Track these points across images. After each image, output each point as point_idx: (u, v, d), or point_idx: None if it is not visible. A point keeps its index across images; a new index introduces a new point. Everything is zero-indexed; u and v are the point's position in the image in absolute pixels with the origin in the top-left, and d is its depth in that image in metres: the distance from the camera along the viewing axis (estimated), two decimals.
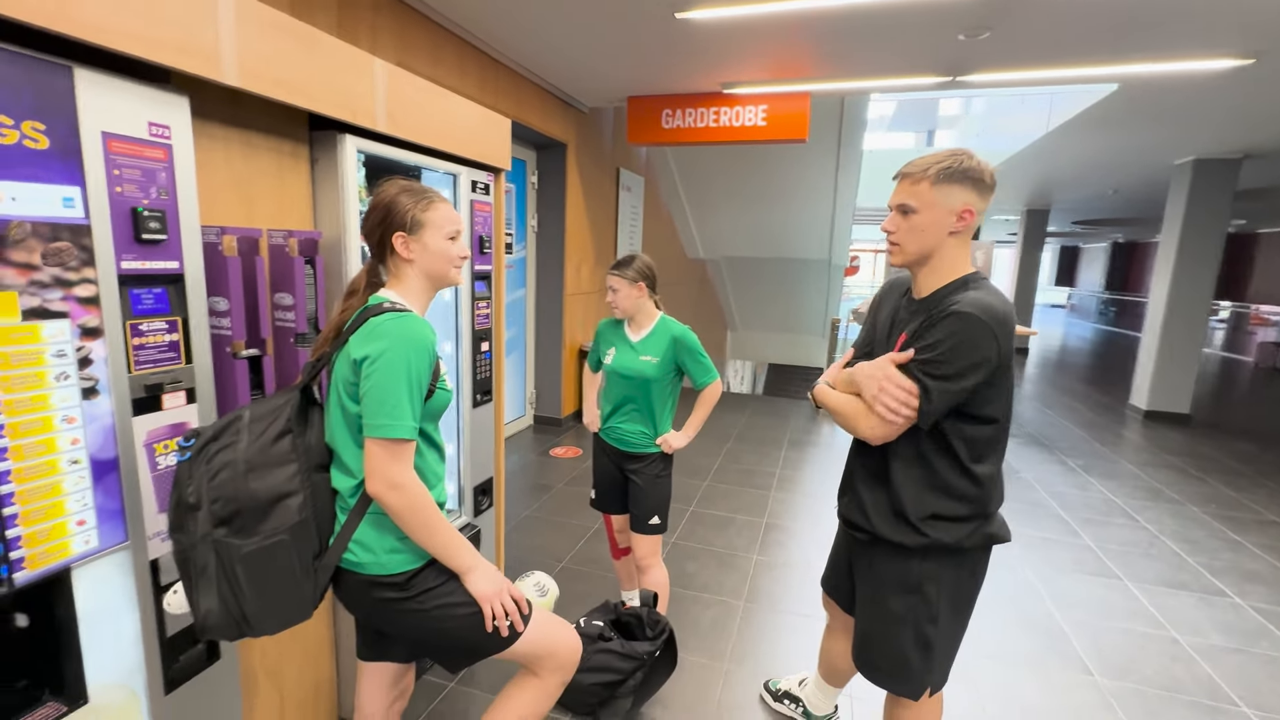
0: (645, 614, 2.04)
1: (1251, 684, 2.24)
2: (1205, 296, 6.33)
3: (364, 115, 1.58)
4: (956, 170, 1.23)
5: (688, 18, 3.01)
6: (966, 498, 1.29)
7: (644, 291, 2.07)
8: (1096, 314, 18.90)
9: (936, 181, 1.23)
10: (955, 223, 1.25)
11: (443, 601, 1.14)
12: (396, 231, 1.16)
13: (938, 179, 1.23)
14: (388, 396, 1.04)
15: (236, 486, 1.03)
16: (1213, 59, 3.31)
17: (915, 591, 1.34)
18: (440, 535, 1.11)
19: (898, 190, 1.29)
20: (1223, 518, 3.81)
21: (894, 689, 1.43)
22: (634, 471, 2.15)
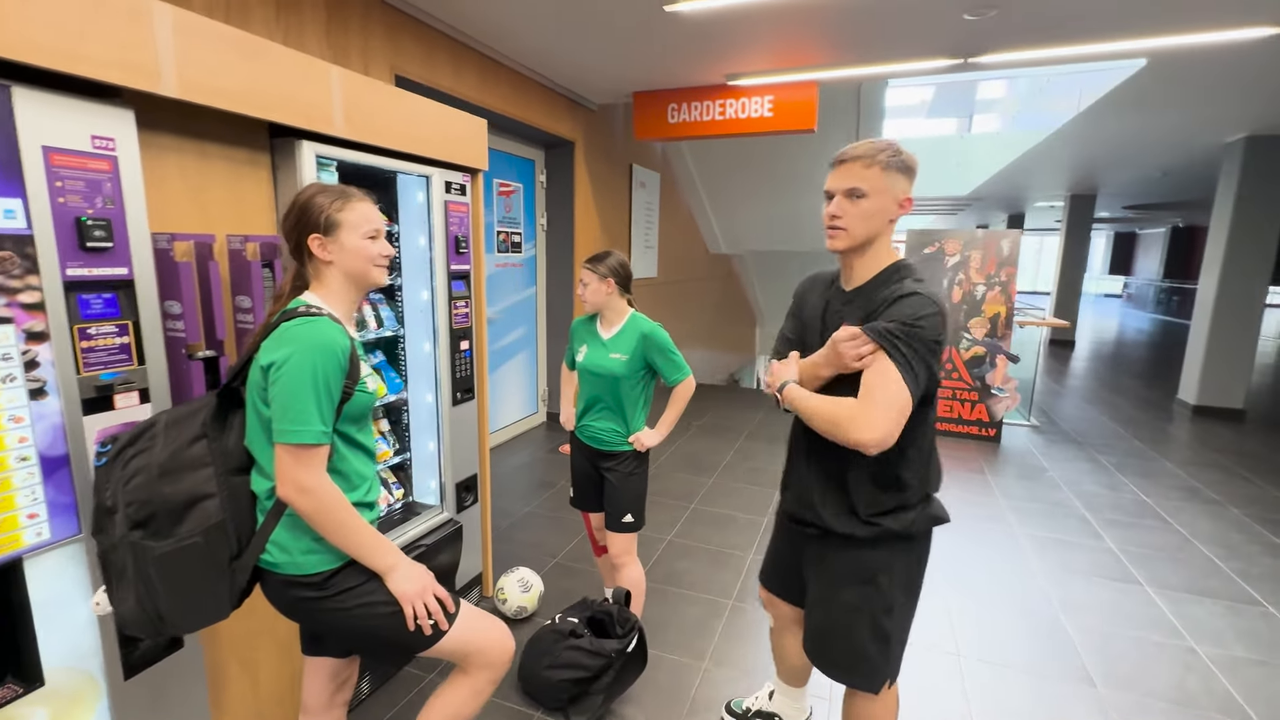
0: (616, 612, 2.04)
1: (1272, 699, 2.09)
2: (1260, 283, 5.91)
3: (320, 121, 1.62)
4: (902, 160, 1.25)
5: (676, 10, 2.97)
6: (912, 484, 1.30)
7: (613, 288, 2.06)
8: (1154, 303, 17.88)
9: (886, 168, 1.24)
10: (896, 210, 1.27)
11: (362, 600, 1.16)
12: (311, 234, 1.18)
13: (888, 165, 1.24)
14: (293, 402, 1.06)
15: (150, 490, 1.07)
16: (1247, 28, 3.07)
17: (869, 582, 1.34)
18: (356, 536, 1.13)
19: (844, 174, 1.27)
20: (1267, 520, 3.55)
21: (853, 683, 1.42)
22: (608, 469, 2.14)
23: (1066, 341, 11.13)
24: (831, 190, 1.29)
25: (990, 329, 4.99)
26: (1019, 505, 3.72)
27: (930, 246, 5.16)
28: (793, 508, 1.46)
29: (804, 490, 1.42)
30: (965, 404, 5.08)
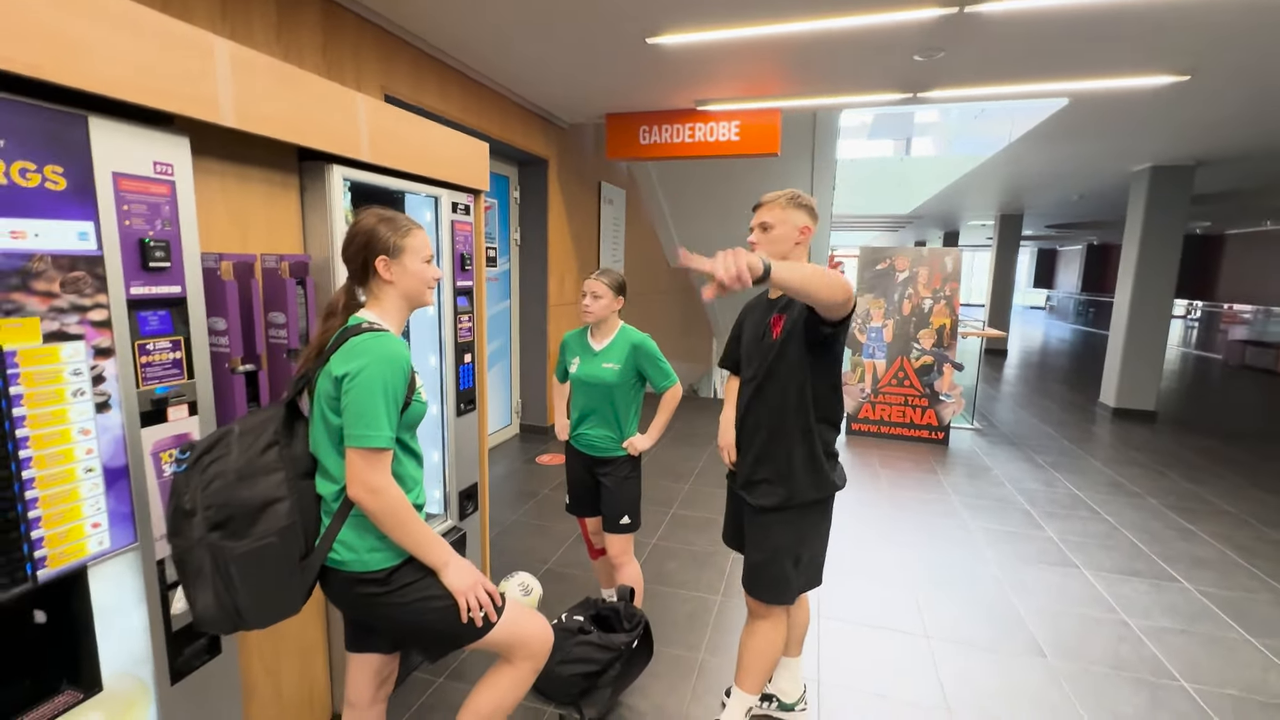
0: (622, 608, 2.16)
1: (1192, 661, 2.40)
2: (1166, 297, 6.59)
3: (349, 147, 1.72)
4: (799, 200, 1.69)
5: (658, 43, 3.17)
6: (831, 453, 1.73)
7: (620, 303, 2.21)
8: (1074, 315, 19.32)
9: (785, 206, 1.68)
10: (798, 235, 1.68)
11: (421, 595, 1.26)
12: (380, 255, 1.28)
13: (787, 204, 1.68)
14: (366, 409, 1.16)
15: (228, 494, 1.14)
16: (1150, 76, 3.53)
17: (795, 525, 1.73)
18: (415, 534, 1.23)
19: (759, 214, 1.72)
20: (1179, 509, 3.99)
21: (776, 601, 1.77)
22: (604, 475, 2.27)
23: (1000, 351, 11.94)
24: (752, 226, 1.74)
25: (937, 339, 5.39)
26: (970, 501, 4.05)
27: (882, 263, 5.53)
28: (749, 493, 1.79)
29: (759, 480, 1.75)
30: (916, 409, 5.45)
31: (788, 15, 2.86)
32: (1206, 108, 4.30)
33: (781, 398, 1.69)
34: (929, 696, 2.17)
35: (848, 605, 2.73)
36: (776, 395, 1.69)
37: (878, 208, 12.62)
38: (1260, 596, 2.90)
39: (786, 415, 1.69)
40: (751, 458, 1.76)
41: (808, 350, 1.63)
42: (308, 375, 1.29)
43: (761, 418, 1.73)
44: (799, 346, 1.64)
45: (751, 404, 1.76)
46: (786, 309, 1.69)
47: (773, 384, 1.70)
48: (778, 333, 1.69)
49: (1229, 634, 2.59)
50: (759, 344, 1.76)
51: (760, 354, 1.74)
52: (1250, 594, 2.93)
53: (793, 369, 1.66)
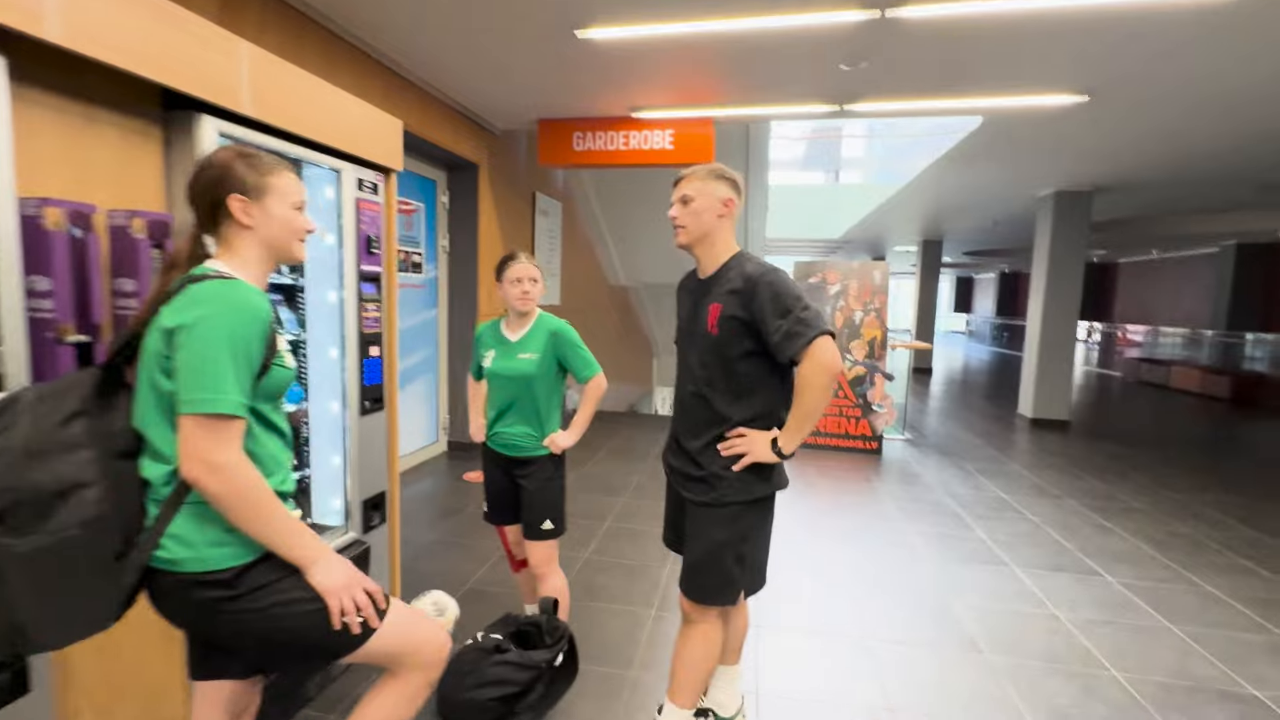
0: (544, 621, 1.96)
1: (1119, 651, 2.41)
2: (1072, 317, 7.03)
3: (226, 95, 1.51)
4: (720, 172, 1.60)
5: (588, 36, 3.11)
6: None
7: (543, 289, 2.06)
8: (991, 338, 20.55)
9: (705, 178, 1.59)
10: (721, 208, 1.59)
11: (280, 599, 1.03)
12: (233, 194, 1.08)
13: (707, 176, 1.59)
14: (206, 367, 0.95)
15: (13, 476, 0.89)
16: (1054, 94, 3.75)
17: (736, 522, 1.59)
18: (275, 523, 1.01)
19: (679, 188, 1.62)
20: (1094, 508, 4.15)
21: (718, 602, 1.62)
22: (524, 476, 2.08)
23: (925, 369, 12.46)
24: (672, 200, 1.62)
25: (869, 351, 5.50)
26: (904, 507, 4.07)
27: (814, 277, 5.63)
28: (686, 488, 1.66)
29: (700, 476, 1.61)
30: (851, 420, 5.51)
31: (717, 11, 2.85)
32: (1103, 134, 4.64)
33: (718, 394, 1.57)
34: (871, 699, 2.07)
35: (786, 612, 2.62)
36: (712, 391, 1.57)
37: (810, 232, 13.05)
38: (1174, 586, 2.99)
39: (724, 413, 1.57)
40: (690, 449, 1.63)
41: (749, 354, 1.53)
42: (138, 336, 1.06)
43: (700, 408, 1.60)
44: (738, 347, 1.52)
45: (689, 393, 1.63)
46: (724, 298, 1.54)
47: (710, 377, 1.58)
48: (713, 324, 1.55)
49: (1150, 623, 2.64)
50: (693, 331, 1.63)
51: (695, 343, 1.62)
52: (1165, 583, 3.02)
53: (730, 364, 1.55)
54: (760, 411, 1.57)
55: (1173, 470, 5.21)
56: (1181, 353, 11.98)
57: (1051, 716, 2.02)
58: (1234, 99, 3.81)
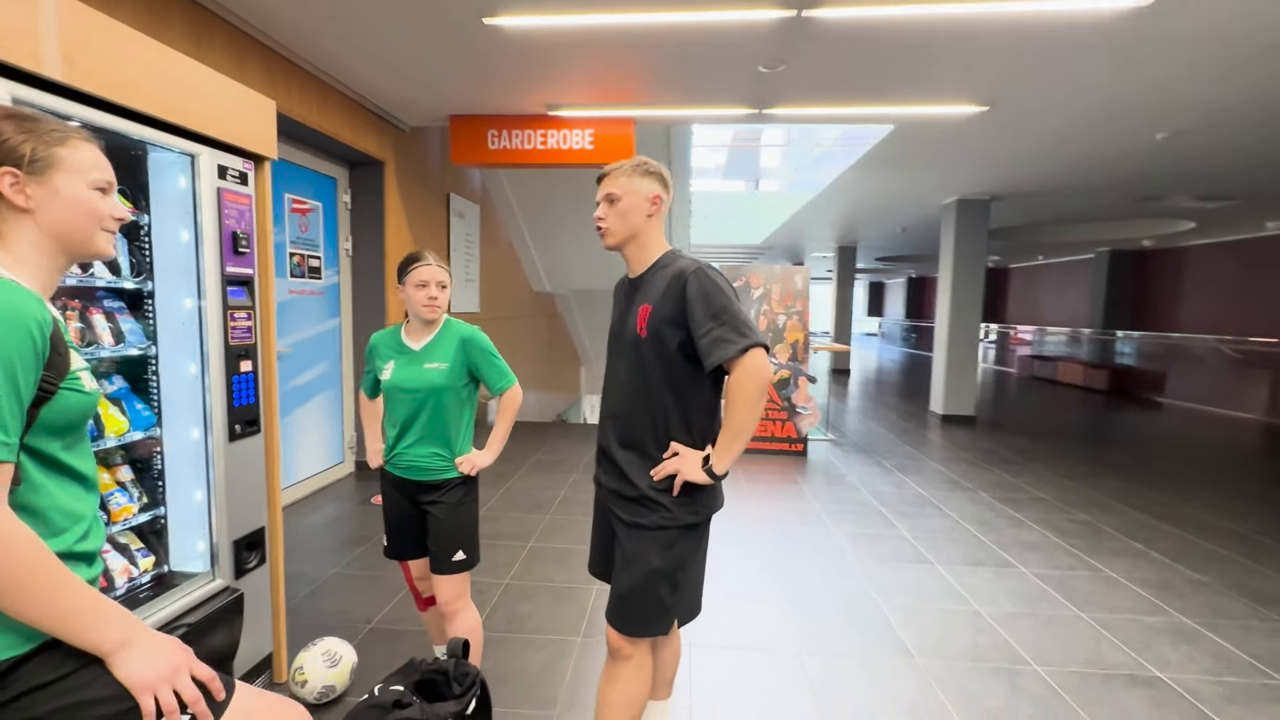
0: (452, 667, 1.73)
1: (1038, 644, 2.46)
2: (975, 319, 7.46)
3: (19, 53, 1.21)
4: (647, 167, 1.48)
5: (496, 24, 2.90)
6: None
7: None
8: (901, 339, 21.74)
9: (631, 174, 1.47)
10: (650, 207, 1.48)
11: (68, 700, 0.78)
12: (4, 167, 0.83)
13: (633, 172, 1.47)
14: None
15: None
16: (958, 105, 3.90)
17: (673, 547, 1.45)
18: (58, 596, 0.76)
19: (603, 185, 1.49)
20: (1006, 500, 4.34)
21: (647, 633, 1.48)
22: (430, 503, 1.85)
23: (844, 371, 12.95)
24: (598, 200, 1.50)
25: (792, 354, 5.56)
26: (830, 508, 4.09)
27: (738, 280, 5.64)
28: (621, 508, 1.49)
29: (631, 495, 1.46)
30: (776, 422, 5.54)
31: (632, 4, 2.73)
32: (1000, 144, 4.91)
33: (650, 404, 1.43)
34: (806, 710, 1.98)
35: (719, 628, 2.51)
36: (646, 401, 1.43)
37: (732, 238, 13.28)
38: (1080, 573, 3.13)
39: (659, 424, 1.43)
40: (621, 469, 1.47)
41: (682, 356, 1.40)
42: None
43: (632, 424, 1.46)
44: (668, 353, 1.41)
45: (619, 405, 1.48)
46: (654, 302, 1.42)
47: (640, 387, 1.43)
48: (641, 325, 1.43)
49: (1063, 612, 2.72)
50: (622, 337, 1.50)
51: (625, 349, 1.48)
52: (1071, 571, 3.15)
53: (662, 374, 1.41)
54: (691, 420, 1.44)
55: (1067, 459, 5.58)
56: (1066, 350, 13.09)
57: (983, 718, 2.00)
58: (1114, 111, 4.11)
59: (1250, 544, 3.57)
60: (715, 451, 1.39)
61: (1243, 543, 3.59)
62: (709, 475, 1.38)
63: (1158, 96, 3.78)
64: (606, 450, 1.52)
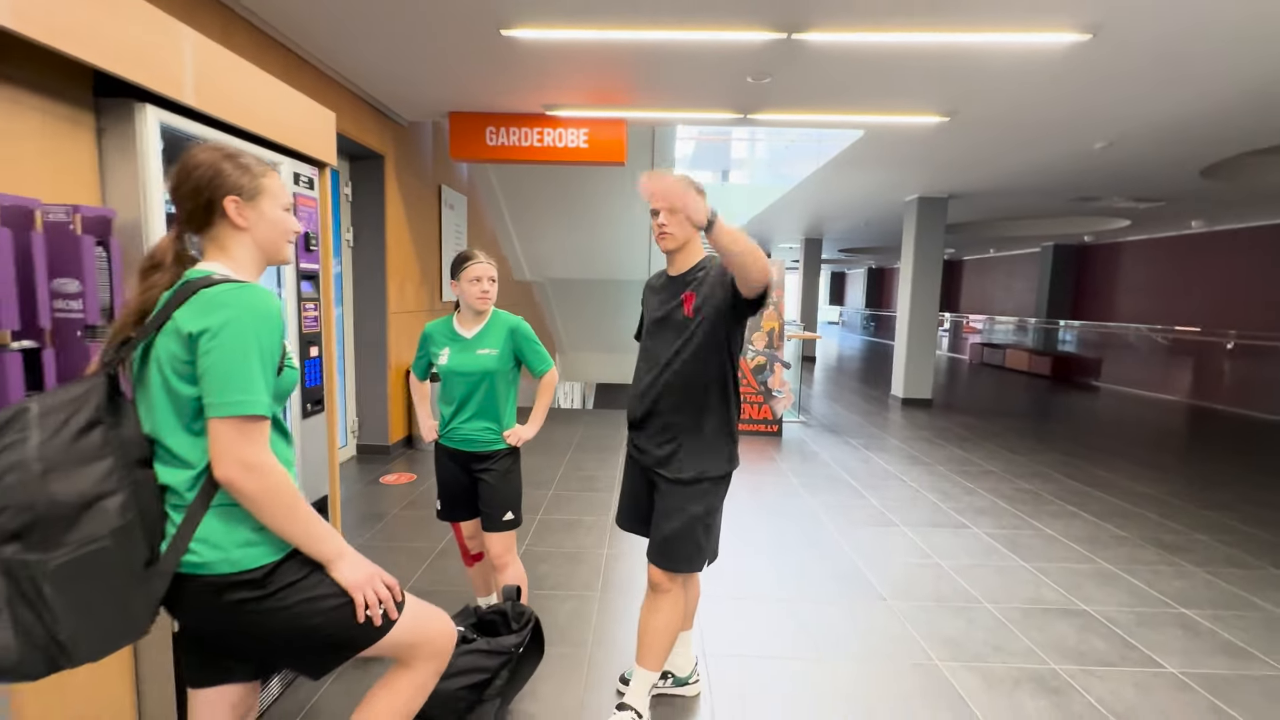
0: (510, 608, 2.02)
1: (990, 588, 2.89)
2: (934, 308, 8.00)
3: (170, 84, 1.43)
4: (699, 186, 1.67)
5: (512, 35, 3.13)
6: (735, 433, 1.81)
7: None
8: (861, 327, 22.59)
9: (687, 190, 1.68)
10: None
11: (307, 595, 1.05)
12: (230, 195, 1.07)
13: (687, 188, 1.67)
14: (236, 370, 0.96)
15: (31, 491, 0.85)
16: (922, 115, 4.30)
17: (706, 497, 1.77)
18: (304, 522, 1.03)
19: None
20: (960, 472, 4.83)
21: (689, 569, 1.80)
22: (483, 471, 2.12)
23: (810, 358, 13.51)
24: (657, 209, 1.72)
25: (768, 341, 5.94)
26: (806, 481, 4.49)
27: None
28: (661, 466, 1.78)
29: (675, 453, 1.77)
30: (754, 405, 5.93)
31: (643, 22, 2.99)
32: (958, 150, 5.36)
33: (697, 372, 1.71)
34: (803, 651, 2.35)
35: (721, 583, 2.86)
36: (692, 370, 1.72)
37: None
38: (1024, 532, 3.60)
39: (702, 389, 1.72)
40: (667, 432, 1.75)
41: (723, 325, 1.69)
42: (130, 342, 1.03)
43: (677, 393, 1.74)
44: (716, 323, 1.69)
45: (667, 381, 1.75)
46: (696, 286, 1.73)
47: (689, 359, 1.71)
48: (689, 309, 1.72)
49: (1009, 563, 3.17)
50: (668, 321, 1.77)
51: (672, 328, 1.75)
52: (1017, 531, 3.62)
53: (708, 344, 1.70)
54: (717, 376, 1.74)
55: (1014, 437, 6.15)
56: (1013, 338, 13.95)
57: (944, 644, 2.40)
58: (1058, 124, 4.58)
59: (1164, 505, 4.13)
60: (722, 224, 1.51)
61: (1158, 504, 4.15)
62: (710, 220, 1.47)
63: (1095, 113, 4.25)
64: (647, 423, 1.81)
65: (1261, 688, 2.18)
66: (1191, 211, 8.45)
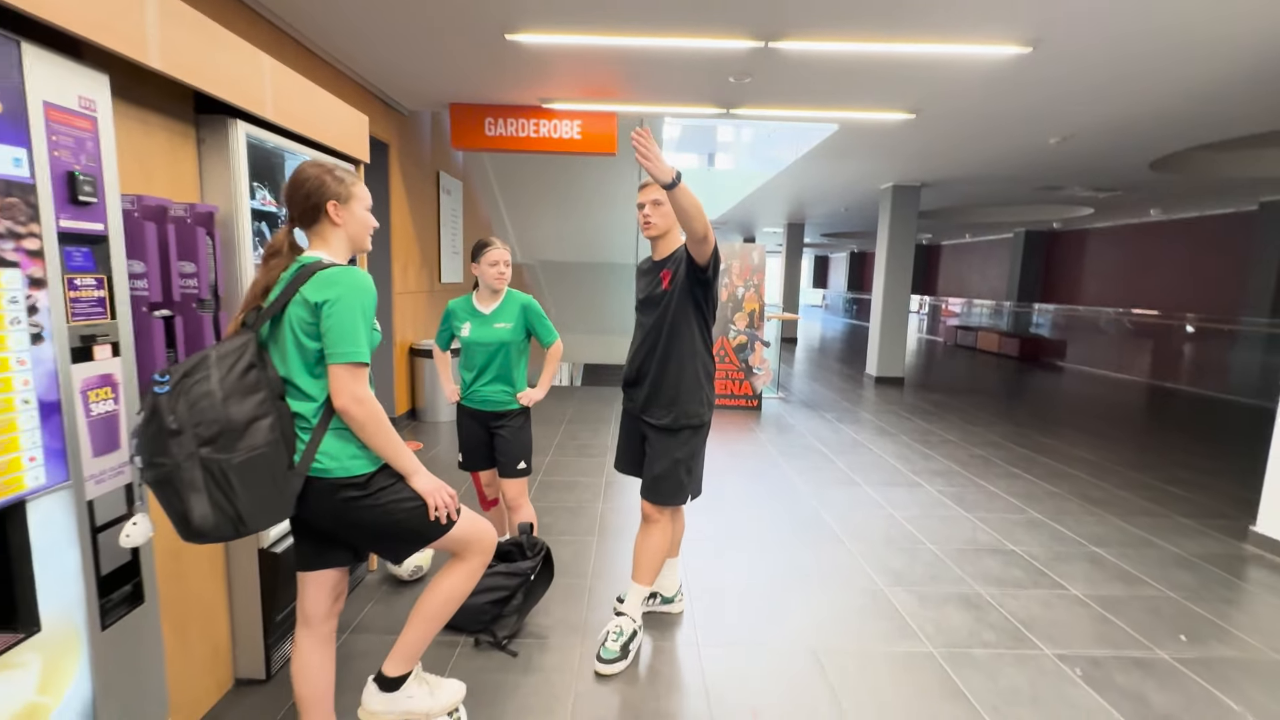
0: (525, 540, 2.41)
1: (933, 532, 3.34)
2: (906, 291, 8.45)
3: (255, 103, 1.75)
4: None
5: (516, 40, 3.43)
6: (710, 374, 2.20)
7: None
8: (843, 311, 23.12)
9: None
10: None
11: (395, 497, 1.42)
12: (331, 199, 1.42)
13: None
14: (348, 329, 1.32)
15: (217, 412, 1.21)
16: (891, 112, 4.67)
17: (688, 443, 2.16)
18: (392, 443, 1.40)
19: (649, 193, 2.09)
20: (921, 441, 5.29)
21: (673, 503, 2.19)
22: (500, 427, 2.50)
23: (791, 339, 13.97)
24: (642, 201, 2.09)
25: (749, 321, 6.34)
26: (782, 450, 4.93)
27: None
28: (649, 415, 2.17)
29: (659, 401, 2.15)
30: (735, 381, 6.34)
31: (637, 30, 3.31)
32: (927, 142, 5.74)
33: (674, 335, 2.09)
34: (771, 578, 2.77)
35: (700, 529, 3.27)
36: (670, 333, 2.09)
37: None
38: (969, 490, 4.06)
39: (678, 348, 2.10)
40: (652, 387, 2.14)
41: (690, 294, 2.07)
42: (259, 309, 1.38)
43: (659, 353, 2.11)
44: (684, 291, 2.07)
45: (650, 343, 2.13)
46: (672, 266, 2.10)
47: (665, 324, 2.10)
48: (667, 284, 2.10)
49: (953, 513, 3.63)
50: (651, 295, 2.15)
51: (654, 301, 2.14)
52: (965, 489, 4.08)
53: (680, 310, 2.08)
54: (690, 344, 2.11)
55: (975, 411, 6.64)
56: (986, 321, 14.52)
57: (889, 575, 2.84)
58: (1013, 121, 4.98)
59: (1097, 468, 4.63)
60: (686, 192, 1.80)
61: (1092, 467, 4.64)
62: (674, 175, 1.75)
63: (1047, 113, 4.65)
64: (639, 381, 2.19)
65: (1145, 605, 2.64)
66: (1149, 200, 8.95)
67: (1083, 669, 2.18)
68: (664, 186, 1.77)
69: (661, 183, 1.76)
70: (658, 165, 1.73)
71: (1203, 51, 3.45)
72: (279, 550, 1.96)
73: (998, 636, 2.37)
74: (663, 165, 1.73)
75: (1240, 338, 8.38)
